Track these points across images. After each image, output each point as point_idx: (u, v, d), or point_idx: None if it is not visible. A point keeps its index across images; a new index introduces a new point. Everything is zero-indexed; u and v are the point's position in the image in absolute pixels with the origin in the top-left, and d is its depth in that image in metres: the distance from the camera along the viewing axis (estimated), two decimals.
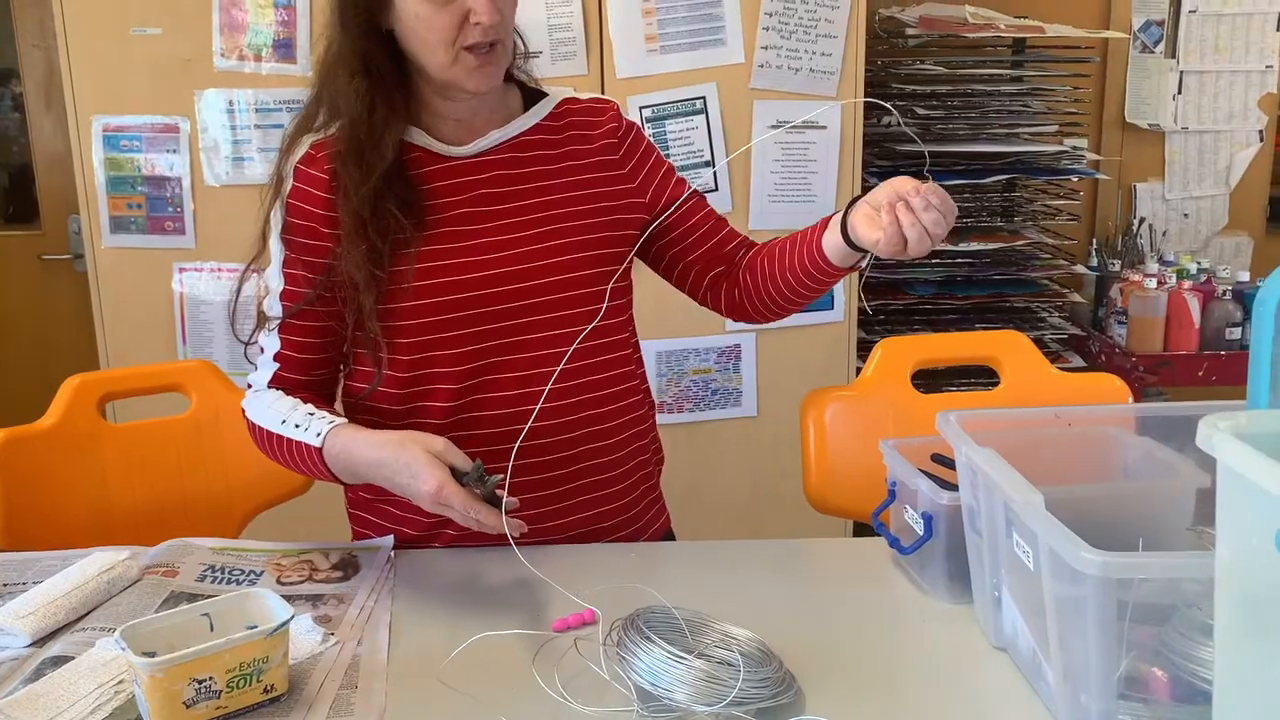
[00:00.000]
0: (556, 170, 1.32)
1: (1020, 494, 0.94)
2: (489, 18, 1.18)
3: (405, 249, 1.24)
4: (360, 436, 1.19)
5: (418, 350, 1.27)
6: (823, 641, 1.10)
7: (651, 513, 1.44)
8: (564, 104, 1.36)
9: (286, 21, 2.38)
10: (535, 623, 1.12)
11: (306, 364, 1.31)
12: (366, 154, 1.22)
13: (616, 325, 1.35)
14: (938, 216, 1.13)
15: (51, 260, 3.13)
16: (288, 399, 1.28)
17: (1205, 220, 3.31)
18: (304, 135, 1.29)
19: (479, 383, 1.28)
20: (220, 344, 2.51)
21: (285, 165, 1.28)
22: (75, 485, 1.52)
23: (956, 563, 1.16)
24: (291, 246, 1.28)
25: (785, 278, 1.33)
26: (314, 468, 1.23)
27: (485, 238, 1.27)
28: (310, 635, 1.10)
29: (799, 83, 2.41)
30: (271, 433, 1.26)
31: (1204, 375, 2.76)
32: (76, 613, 1.14)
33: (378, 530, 1.36)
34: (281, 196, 1.28)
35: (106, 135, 2.42)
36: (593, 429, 1.32)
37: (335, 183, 1.24)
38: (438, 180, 1.28)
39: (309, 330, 1.30)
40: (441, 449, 1.12)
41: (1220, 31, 3.17)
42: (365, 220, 1.22)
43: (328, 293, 1.27)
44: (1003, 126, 2.84)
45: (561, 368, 1.26)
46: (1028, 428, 1.23)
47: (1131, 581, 0.86)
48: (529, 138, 1.32)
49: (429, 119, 1.30)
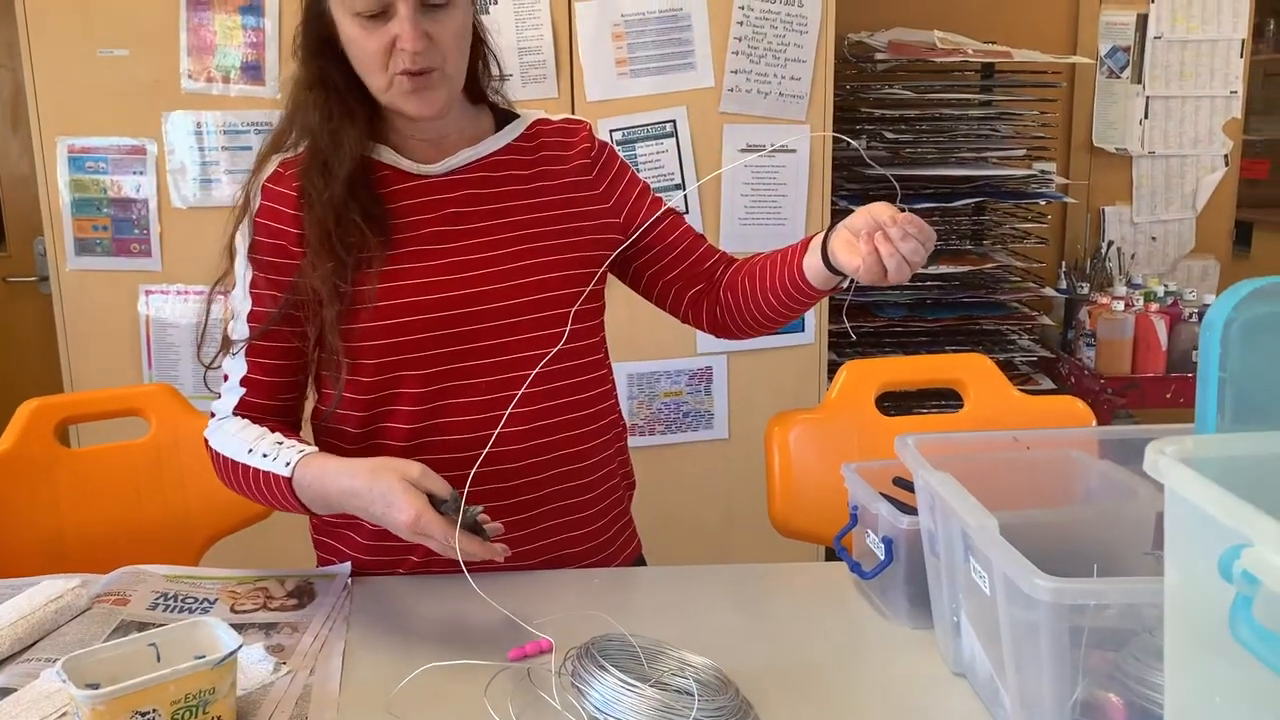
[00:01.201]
0: (529, 190, 1.31)
1: (975, 518, 0.94)
2: (413, 44, 1.16)
3: (369, 267, 1.23)
4: (331, 465, 1.17)
5: (382, 370, 1.25)
6: (782, 668, 1.09)
7: (622, 539, 1.43)
8: (536, 125, 1.36)
9: (255, 44, 2.37)
10: (493, 651, 1.11)
11: (273, 388, 1.29)
12: (329, 161, 1.22)
13: (587, 346, 1.34)
14: (916, 245, 1.14)
15: (17, 283, 3.09)
16: (254, 428, 1.25)
17: (1173, 243, 3.34)
18: (273, 154, 1.28)
19: (443, 404, 1.26)
20: (186, 366, 2.48)
21: (253, 184, 1.27)
22: (29, 512, 1.49)
23: (917, 587, 1.15)
24: (259, 266, 1.26)
25: (767, 298, 1.33)
26: (281, 499, 1.20)
27: (454, 256, 1.26)
28: (261, 665, 1.08)
29: (768, 106, 2.42)
30: (237, 462, 1.23)
31: (1171, 397, 2.78)
32: (22, 643, 1.12)
33: (342, 558, 1.34)
34: (249, 215, 1.26)
35: (72, 157, 2.40)
36: (562, 452, 1.31)
37: (303, 199, 1.23)
38: (406, 199, 1.27)
39: (276, 352, 1.28)
40: (417, 475, 1.10)
41: (1185, 57, 3.22)
42: (330, 231, 1.21)
43: (295, 311, 1.25)
44: (971, 150, 2.87)
45: (530, 389, 1.25)
46: (987, 451, 1.23)
47: (1087, 607, 0.86)
48: (501, 158, 1.32)
49: (397, 139, 1.29)
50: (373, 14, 1.16)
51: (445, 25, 1.19)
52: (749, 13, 2.39)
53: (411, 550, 1.29)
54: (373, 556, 1.32)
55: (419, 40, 1.16)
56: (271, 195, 1.26)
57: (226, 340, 1.29)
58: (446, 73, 1.21)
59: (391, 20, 1.16)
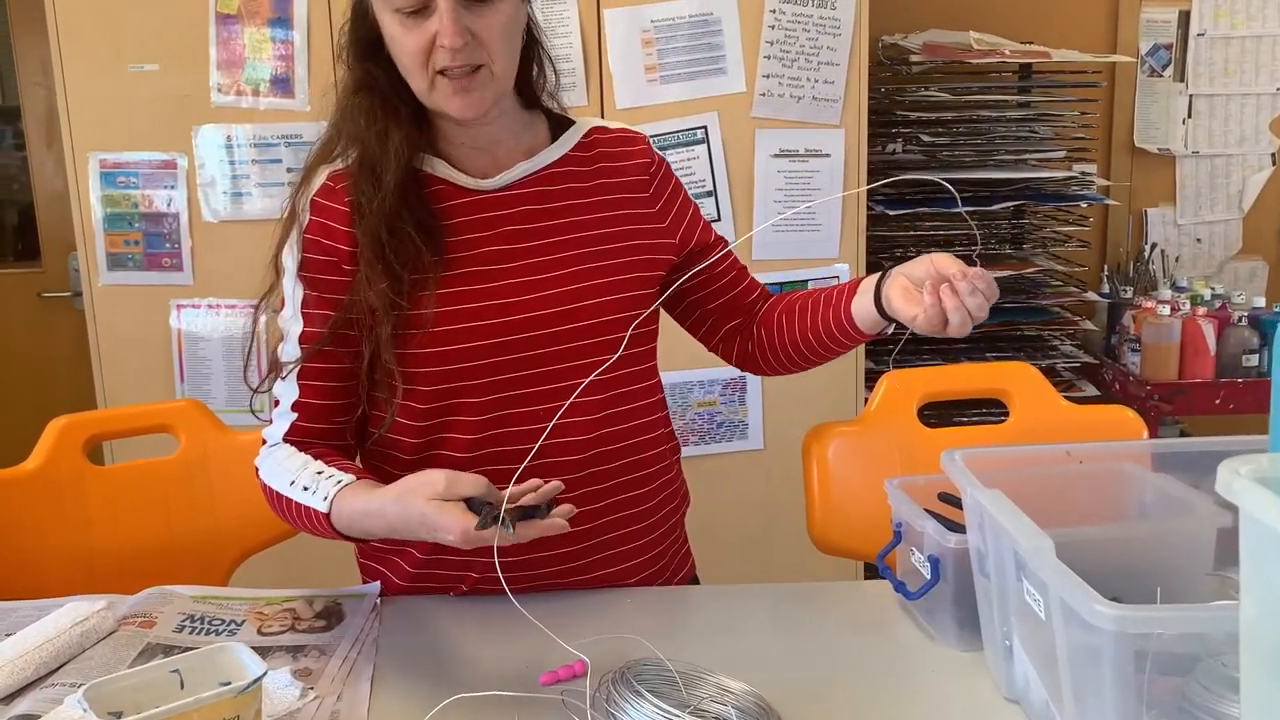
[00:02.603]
0: (585, 205, 1.26)
1: (1029, 539, 0.89)
2: (451, 40, 1.11)
3: (425, 289, 1.17)
4: (360, 504, 1.10)
5: (437, 395, 1.20)
6: (824, 693, 1.04)
7: (678, 558, 1.39)
8: (593, 133, 1.31)
9: (284, 56, 2.36)
10: (524, 674, 1.07)
11: (327, 411, 1.23)
12: (377, 167, 1.17)
13: (643, 371, 1.30)
14: (982, 301, 1.10)
15: (51, 298, 3.11)
16: (299, 456, 1.20)
17: (1219, 245, 3.26)
18: (321, 166, 1.23)
19: (501, 425, 1.21)
20: (219, 381, 2.48)
21: (300, 199, 1.21)
22: (58, 530, 1.48)
23: (966, 608, 1.11)
24: (310, 284, 1.20)
25: (806, 337, 1.30)
26: (327, 533, 1.15)
27: (511, 278, 1.21)
28: (288, 690, 1.05)
29: (801, 110, 2.38)
30: (281, 494, 1.19)
31: (1221, 403, 2.70)
32: (47, 667, 1.10)
33: (391, 586, 1.30)
34: (297, 231, 1.21)
35: (104, 172, 2.40)
36: (617, 466, 1.26)
37: (355, 212, 1.18)
38: (462, 215, 1.22)
39: (329, 374, 1.21)
40: (444, 489, 1.03)
41: (1229, 54, 3.14)
42: (383, 243, 1.16)
43: (349, 330, 1.19)
44: (1010, 153, 2.81)
45: (587, 408, 1.21)
46: (1037, 465, 1.18)
47: (1152, 634, 0.81)
48: (557, 169, 1.26)
49: (448, 148, 1.24)
50: (412, 10, 1.12)
51: (489, 21, 1.13)
52: (780, 16, 2.35)
53: (470, 566, 1.25)
54: (427, 582, 1.28)
55: (459, 36, 1.11)
56: (321, 210, 1.20)
57: (276, 363, 1.23)
58: (492, 71, 1.15)
59: (431, 17, 1.11)
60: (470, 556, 1.22)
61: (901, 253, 2.79)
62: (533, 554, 1.22)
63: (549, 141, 1.28)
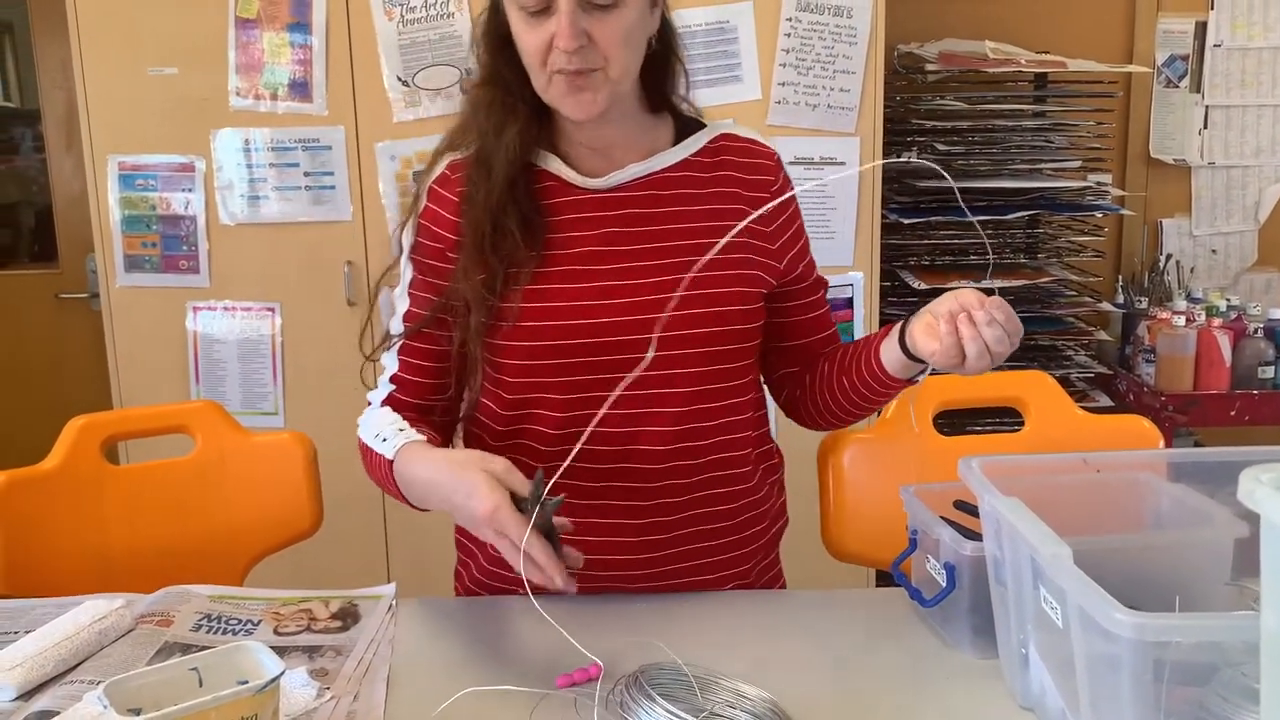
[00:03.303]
0: (697, 213, 1.24)
1: (1047, 547, 0.89)
2: (566, 43, 1.11)
3: (517, 283, 1.20)
4: (422, 455, 1.15)
5: (521, 389, 1.22)
6: (839, 700, 1.04)
7: (768, 576, 1.38)
8: (720, 139, 1.29)
9: (303, 61, 2.38)
10: (541, 676, 1.07)
11: (420, 388, 1.28)
12: (490, 159, 1.20)
13: (738, 387, 1.27)
14: (1001, 334, 1.08)
15: (68, 299, 3.13)
16: (391, 414, 1.24)
17: (1234, 256, 3.24)
18: (446, 153, 1.26)
19: (582, 427, 1.17)
20: (234, 383, 2.49)
21: (423, 183, 1.27)
22: (76, 529, 1.49)
23: (981, 616, 1.10)
24: (419, 268, 1.26)
25: (841, 382, 1.28)
26: (391, 485, 1.20)
27: (606, 279, 1.21)
28: (305, 690, 1.05)
29: (817, 119, 2.38)
30: (366, 445, 1.23)
31: (1236, 415, 2.69)
32: (66, 664, 1.10)
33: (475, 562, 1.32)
34: (415, 215, 1.26)
35: (123, 174, 2.42)
36: (701, 480, 1.25)
37: (463, 202, 1.22)
38: (566, 213, 1.22)
39: (425, 354, 1.27)
40: (501, 471, 1.06)
41: (1246, 65, 3.13)
42: (485, 235, 1.19)
43: (446, 315, 1.24)
44: (1025, 162, 2.80)
45: (668, 417, 1.21)
46: (1054, 474, 1.18)
47: (1171, 643, 0.81)
48: (673, 174, 1.25)
49: (566, 146, 1.25)
50: (535, 9, 1.13)
51: (609, 25, 1.13)
52: (797, 25, 2.36)
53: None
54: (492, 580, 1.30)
55: (574, 39, 1.12)
56: (435, 197, 1.24)
57: (386, 333, 1.30)
58: (608, 75, 1.16)
59: (552, 17, 1.12)
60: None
61: (915, 261, 2.78)
62: (603, 555, 1.23)
63: (671, 144, 1.27)
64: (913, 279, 2.71)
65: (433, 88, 2.38)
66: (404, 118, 2.38)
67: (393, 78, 2.37)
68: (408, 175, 2.40)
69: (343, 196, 2.41)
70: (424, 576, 2.48)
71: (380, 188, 2.40)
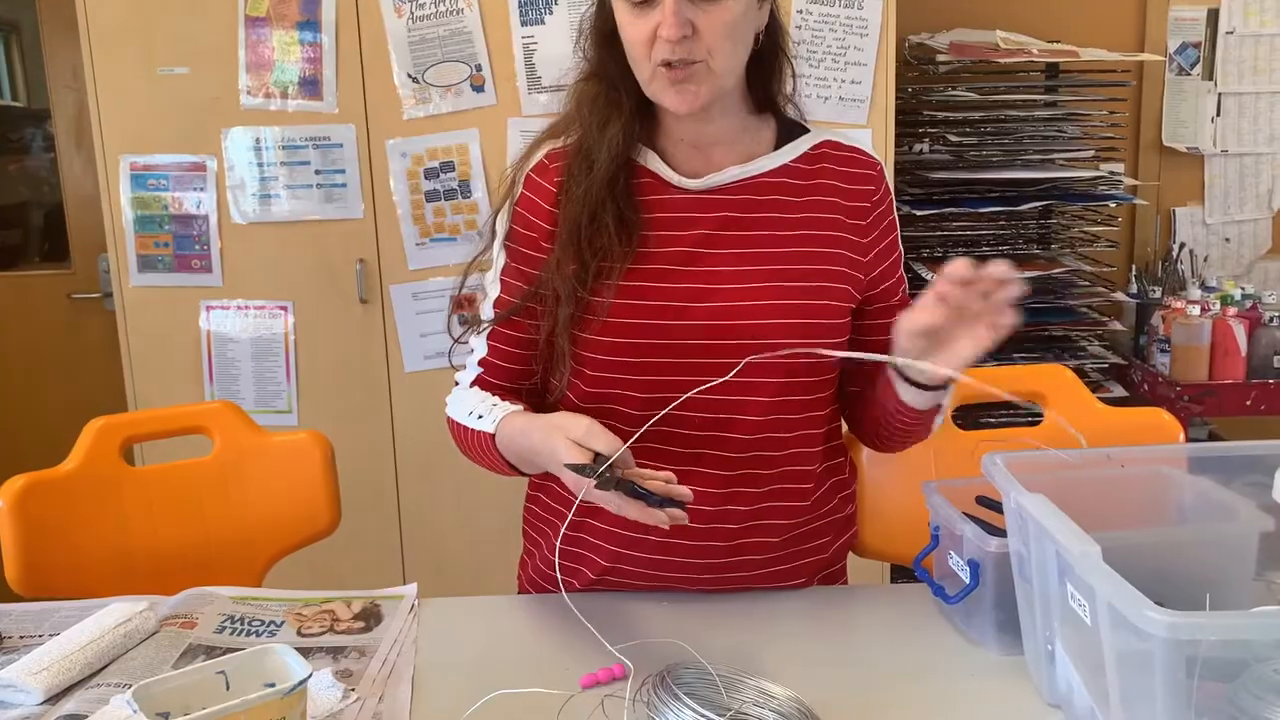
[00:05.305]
0: (792, 220, 1.23)
1: (1076, 544, 0.88)
2: (670, 32, 1.11)
3: (609, 278, 1.19)
4: (520, 424, 1.17)
5: (602, 384, 1.23)
6: (864, 698, 1.04)
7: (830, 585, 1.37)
8: (822, 145, 1.27)
9: (313, 59, 2.37)
10: (564, 677, 1.08)
11: (507, 374, 1.29)
12: (592, 153, 1.20)
13: (818, 400, 1.27)
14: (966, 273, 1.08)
15: (81, 299, 3.14)
16: (480, 393, 1.27)
17: (1248, 245, 3.23)
18: (546, 142, 1.27)
19: (660, 425, 1.18)
20: (247, 382, 2.49)
21: (520, 170, 1.27)
22: (96, 531, 1.49)
23: (1006, 612, 1.10)
24: (511, 255, 1.26)
25: (878, 399, 1.27)
26: (494, 459, 1.21)
27: (695, 281, 1.20)
28: (330, 691, 1.06)
29: (829, 110, 2.37)
30: (461, 425, 1.25)
31: (1251, 404, 2.67)
32: (92, 667, 1.11)
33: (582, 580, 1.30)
34: (510, 202, 1.26)
35: (134, 174, 2.42)
36: (771, 490, 1.25)
37: (561, 194, 1.22)
38: (661, 211, 1.22)
39: (513, 340, 1.28)
40: (582, 435, 1.07)
41: (1259, 52, 3.11)
42: (581, 228, 1.19)
43: (535, 304, 1.24)
44: (1037, 152, 2.79)
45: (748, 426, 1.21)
46: (1077, 469, 1.17)
47: (1202, 640, 0.81)
48: (771, 179, 1.23)
49: (666, 143, 1.24)
50: (641, 0, 1.13)
51: (714, 17, 1.12)
52: (807, 16, 2.35)
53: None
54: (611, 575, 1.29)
55: (678, 29, 1.11)
56: (532, 186, 1.25)
57: (476, 317, 1.31)
58: (711, 68, 1.15)
59: (657, 8, 1.12)
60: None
61: (929, 253, 2.77)
62: (664, 556, 1.24)
63: (772, 148, 1.26)
64: (926, 271, 2.70)
65: (443, 84, 2.37)
66: (414, 114, 2.38)
67: (403, 74, 2.36)
68: (418, 172, 2.40)
69: (354, 194, 2.41)
70: (440, 575, 2.48)
71: (391, 185, 2.40)
